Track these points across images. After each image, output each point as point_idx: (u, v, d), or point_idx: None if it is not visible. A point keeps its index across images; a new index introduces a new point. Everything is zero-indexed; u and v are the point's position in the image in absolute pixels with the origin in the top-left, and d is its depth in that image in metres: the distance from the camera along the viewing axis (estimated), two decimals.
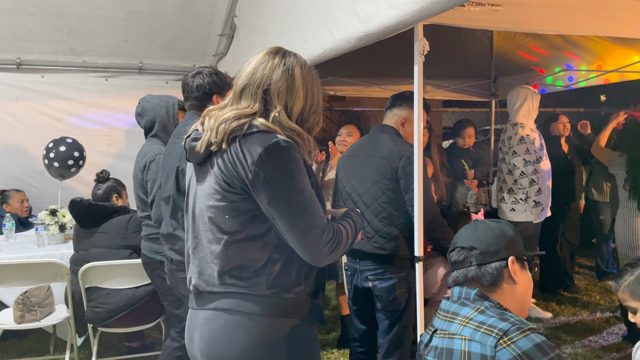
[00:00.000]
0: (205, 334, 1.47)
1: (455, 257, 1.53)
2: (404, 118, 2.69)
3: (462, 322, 1.39)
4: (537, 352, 1.25)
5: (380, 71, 5.21)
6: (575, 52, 4.47)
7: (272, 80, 1.48)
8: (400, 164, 2.49)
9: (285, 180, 1.39)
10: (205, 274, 1.48)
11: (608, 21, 2.50)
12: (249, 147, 1.39)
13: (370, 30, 2.32)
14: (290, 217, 1.39)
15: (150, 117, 2.86)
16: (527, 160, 4.06)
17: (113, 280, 3.09)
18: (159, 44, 4.56)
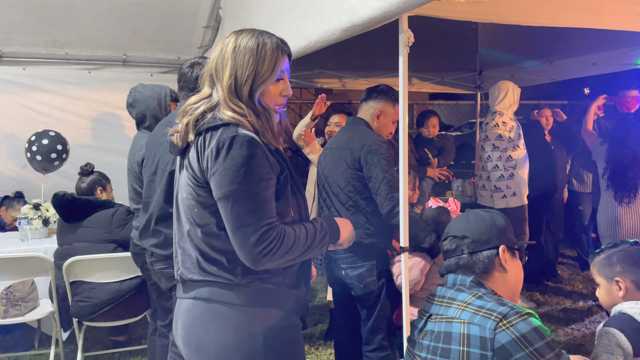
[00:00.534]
0: (186, 322, 1.50)
1: (447, 246, 1.56)
2: (379, 110, 2.72)
3: (461, 307, 1.41)
4: (535, 335, 1.28)
5: (367, 64, 5.21)
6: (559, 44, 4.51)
7: (212, 60, 1.51)
8: (361, 152, 2.52)
9: (230, 174, 1.37)
10: (187, 262, 1.51)
11: (591, 14, 2.53)
12: (212, 140, 1.41)
13: (355, 21, 2.32)
14: (226, 211, 1.39)
15: (142, 109, 2.81)
16: (495, 145, 4.12)
17: (98, 274, 3.06)
18: (143, 36, 4.51)
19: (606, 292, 1.74)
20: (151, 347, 2.88)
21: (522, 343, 1.27)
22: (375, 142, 2.53)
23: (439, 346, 1.41)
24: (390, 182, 2.47)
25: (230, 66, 1.48)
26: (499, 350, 1.28)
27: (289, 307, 1.52)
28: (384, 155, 2.50)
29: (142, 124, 2.84)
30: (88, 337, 3.50)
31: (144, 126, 2.84)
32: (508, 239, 1.55)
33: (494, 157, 4.13)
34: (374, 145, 2.51)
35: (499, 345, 1.28)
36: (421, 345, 1.48)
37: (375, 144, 2.52)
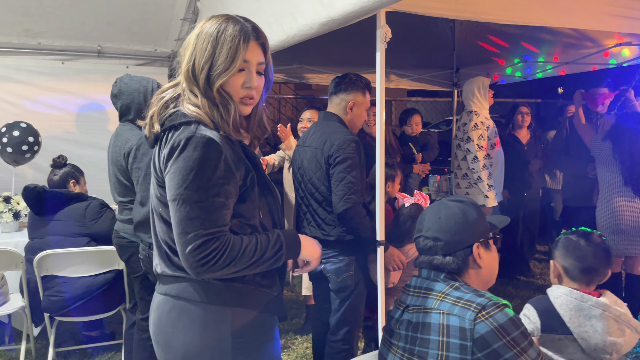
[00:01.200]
0: (155, 318, 1.48)
1: (421, 245, 1.56)
2: (352, 102, 2.68)
3: (439, 297, 1.43)
4: (511, 325, 1.34)
5: (346, 59, 5.22)
6: (533, 44, 4.60)
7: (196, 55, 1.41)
8: (330, 152, 2.51)
9: (179, 177, 1.31)
10: (159, 257, 1.49)
11: (564, 13, 2.58)
12: (172, 139, 1.35)
13: (333, 16, 2.33)
14: (172, 215, 1.34)
15: (127, 101, 2.75)
16: (480, 145, 4.21)
17: (71, 268, 3.01)
18: (119, 27, 4.43)
19: (551, 270, 1.95)
20: (128, 341, 2.86)
21: (500, 333, 1.32)
22: (344, 142, 2.50)
23: (417, 336, 1.42)
24: (349, 184, 2.45)
25: (190, 52, 1.41)
26: (478, 340, 1.32)
27: (261, 306, 1.47)
28: (350, 155, 2.48)
29: (126, 116, 2.78)
30: (60, 332, 3.44)
31: (127, 118, 2.78)
32: (481, 233, 1.53)
33: (481, 157, 4.20)
34: (343, 145, 2.49)
35: (478, 335, 1.32)
36: (399, 334, 1.49)
37: (344, 142, 2.49)
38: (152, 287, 2.55)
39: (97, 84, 4.60)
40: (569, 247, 1.88)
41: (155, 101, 1.44)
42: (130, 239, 2.69)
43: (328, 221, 2.57)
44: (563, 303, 1.80)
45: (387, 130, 3.89)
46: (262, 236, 1.43)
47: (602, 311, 1.75)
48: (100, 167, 4.35)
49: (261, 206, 1.49)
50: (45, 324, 3.15)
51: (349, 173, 2.46)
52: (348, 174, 2.46)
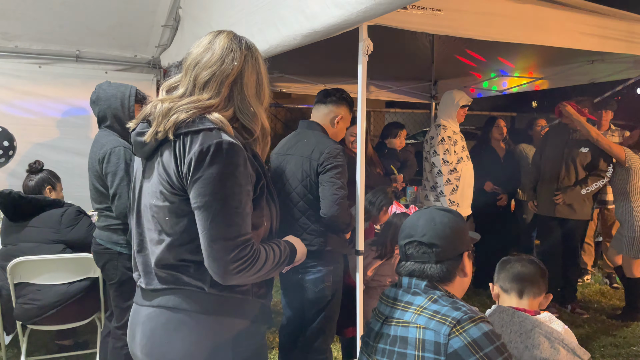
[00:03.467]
0: (147, 331, 1.44)
1: (412, 250, 1.54)
2: (341, 116, 2.73)
3: (417, 311, 1.43)
4: (485, 340, 1.33)
5: (326, 70, 5.28)
6: (509, 59, 4.72)
7: (244, 74, 1.48)
8: (319, 161, 2.53)
9: (212, 182, 1.31)
10: (148, 271, 1.45)
11: (539, 31, 2.67)
12: (192, 145, 1.34)
13: (316, 28, 2.36)
14: (205, 220, 1.32)
15: (104, 107, 2.73)
16: (445, 160, 4.20)
17: (45, 275, 2.96)
18: (98, 32, 4.39)
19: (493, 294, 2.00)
20: (103, 349, 2.82)
21: (473, 348, 1.31)
22: (333, 150, 2.54)
23: (395, 350, 1.43)
24: (340, 189, 2.49)
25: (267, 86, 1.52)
26: (451, 355, 1.32)
27: (256, 316, 1.49)
28: (340, 163, 2.52)
29: (104, 122, 2.77)
30: (32, 340, 3.37)
31: (105, 125, 2.77)
32: (468, 243, 1.58)
33: (445, 172, 4.19)
34: (332, 152, 2.53)
35: (451, 350, 1.32)
36: (378, 349, 1.49)
37: (333, 150, 2.54)
38: (128, 294, 2.55)
39: (75, 89, 4.53)
40: (502, 265, 1.97)
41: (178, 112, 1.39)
42: (106, 245, 2.67)
43: (310, 231, 2.58)
44: (495, 320, 1.83)
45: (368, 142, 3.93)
46: (275, 246, 1.49)
47: (532, 327, 1.75)
48: (77, 172, 4.30)
49: (266, 215, 1.51)
50: (17, 332, 3.08)
51: (339, 179, 2.50)
52: (339, 179, 2.50)
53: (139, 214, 1.49)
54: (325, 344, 2.66)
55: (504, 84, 5.52)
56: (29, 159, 3.47)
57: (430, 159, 4.29)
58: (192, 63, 1.46)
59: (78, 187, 4.13)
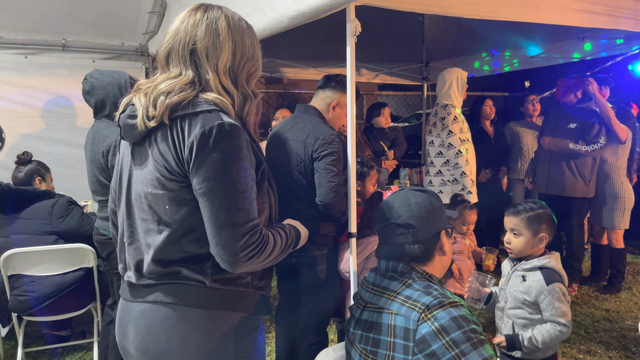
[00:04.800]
0: (142, 328, 1.38)
1: (389, 233, 1.53)
2: (337, 102, 2.70)
3: (391, 297, 1.42)
4: (452, 324, 1.29)
5: (317, 54, 5.23)
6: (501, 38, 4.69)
7: (197, 38, 1.36)
8: (313, 147, 2.51)
9: (218, 166, 1.25)
10: (142, 266, 1.38)
11: (528, 7, 2.64)
12: (191, 128, 1.27)
13: (303, 9, 2.33)
14: (212, 207, 1.26)
15: (102, 96, 2.68)
16: (462, 139, 4.10)
17: (39, 266, 2.95)
18: (84, 20, 4.32)
19: (527, 242, 2.18)
20: (105, 337, 2.84)
21: (440, 333, 1.28)
22: (329, 136, 2.52)
23: (370, 336, 1.42)
24: (337, 176, 2.47)
25: (230, 49, 1.37)
26: (419, 341, 1.30)
27: (257, 308, 1.46)
28: (335, 149, 2.50)
29: (102, 112, 2.71)
30: (29, 332, 3.37)
31: (103, 114, 2.71)
32: (445, 221, 1.58)
33: (464, 150, 4.09)
34: (327, 138, 2.51)
35: (419, 336, 1.30)
36: (357, 335, 1.49)
37: (329, 137, 2.51)
38: None
39: (63, 79, 4.48)
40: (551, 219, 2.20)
41: (164, 95, 1.32)
42: (109, 236, 2.66)
43: (305, 215, 2.57)
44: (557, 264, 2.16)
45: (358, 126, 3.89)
46: (279, 229, 1.45)
47: None
48: (67, 163, 4.29)
49: (266, 200, 1.47)
50: (13, 324, 3.08)
51: (335, 166, 2.48)
52: (334, 166, 2.48)
53: (130, 203, 1.42)
54: (321, 327, 2.68)
55: (496, 64, 5.49)
56: (17, 151, 3.44)
57: (445, 141, 4.15)
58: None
59: (69, 178, 4.12)
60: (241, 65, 1.41)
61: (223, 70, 1.37)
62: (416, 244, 1.48)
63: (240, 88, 1.40)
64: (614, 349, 3.45)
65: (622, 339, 3.59)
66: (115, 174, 1.52)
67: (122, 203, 1.46)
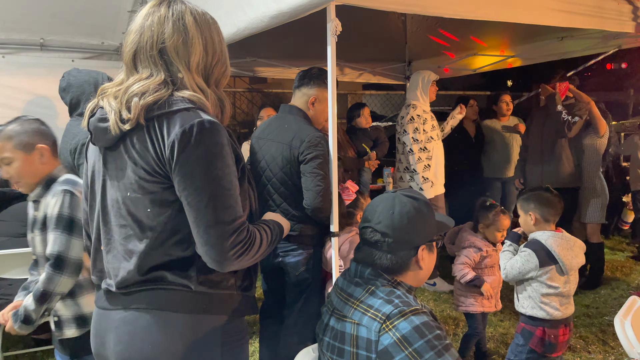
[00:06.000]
0: (123, 336, 1.33)
1: (367, 236, 1.48)
2: (314, 97, 2.67)
3: (354, 305, 1.38)
4: (414, 334, 1.25)
5: (300, 53, 5.22)
6: (482, 37, 4.73)
7: (165, 37, 1.30)
8: (300, 149, 2.50)
9: (201, 164, 1.22)
10: (120, 274, 1.33)
11: (507, 7, 2.67)
12: (170, 128, 1.24)
13: (283, 9, 2.33)
14: (197, 206, 1.23)
15: (77, 94, 2.66)
16: (415, 138, 4.24)
17: (16, 269, 2.90)
18: (63, 19, 4.26)
19: (524, 221, 2.58)
20: None
21: (402, 344, 1.25)
22: (314, 138, 2.50)
23: (336, 345, 1.39)
24: (324, 180, 2.47)
25: (202, 46, 1.33)
26: (381, 352, 1.26)
27: (241, 310, 1.43)
28: (320, 152, 2.50)
29: (76, 110, 2.69)
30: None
31: (77, 113, 2.70)
32: (429, 235, 1.49)
33: (416, 150, 4.25)
34: (313, 141, 2.49)
35: (382, 347, 1.27)
36: (324, 341, 1.47)
37: (314, 139, 2.50)
38: None
39: (41, 79, 4.40)
40: (543, 199, 2.52)
41: (137, 97, 1.27)
42: None
43: (291, 217, 2.57)
44: (553, 242, 2.43)
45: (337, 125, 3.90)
46: (263, 225, 1.43)
47: (574, 243, 2.49)
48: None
49: (247, 197, 1.44)
50: None
51: (321, 169, 2.47)
52: (321, 170, 2.47)
53: (105, 210, 1.37)
54: (305, 326, 2.67)
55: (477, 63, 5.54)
56: None
57: (401, 138, 4.34)
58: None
59: None
60: (213, 64, 1.38)
61: (196, 68, 1.34)
62: (388, 254, 1.42)
63: (211, 88, 1.38)
64: (592, 344, 3.51)
65: (601, 334, 3.64)
66: (85, 182, 1.46)
67: (95, 211, 1.41)
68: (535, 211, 2.52)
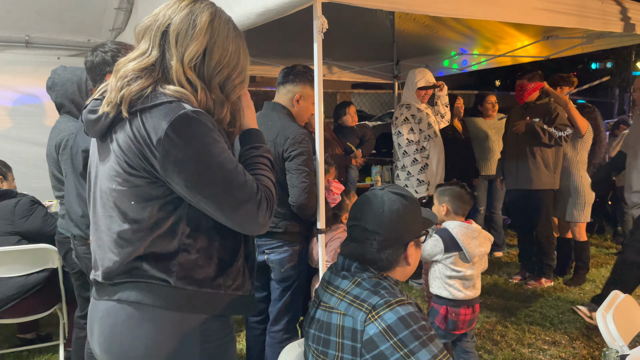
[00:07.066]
0: (105, 327, 1.33)
1: (355, 234, 1.49)
2: (299, 94, 2.65)
3: (340, 296, 1.39)
4: (400, 324, 1.27)
5: (288, 51, 5.22)
6: (469, 36, 4.76)
7: (172, 22, 1.32)
8: (284, 146, 2.50)
9: (201, 157, 1.22)
10: (105, 264, 1.34)
11: (492, 6, 2.69)
12: (154, 122, 1.21)
13: (269, 6, 2.33)
14: (215, 197, 1.24)
15: (61, 92, 2.65)
16: (410, 139, 4.20)
17: (1, 268, 2.87)
18: (48, 17, 4.22)
19: (437, 210, 2.81)
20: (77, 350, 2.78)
21: (388, 334, 1.26)
22: (298, 135, 2.49)
23: (322, 336, 1.40)
24: (309, 176, 2.47)
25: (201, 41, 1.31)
26: (367, 342, 1.28)
27: (230, 310, 1.39)
28: (305, 149, 2.49)
29: (62, 108, 2.69)
30: None
31: (64, 111, 2.70)
32: (417, 231, 1.52)
33: (411, 151, 4.21)
34: (297, 138, 2.48)
35: (367, 337, 1.28)
36: (309, 334, 1.47)
37: (298, 136, 2.49)
38: (90, 284, 2.51)
39: (27, 76, 4.38)
40: (456, 194, 2.78)
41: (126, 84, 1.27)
42: (65, 234, 2.61)
43: (276, 214, 2.57)
44: (459, 232, 2.67)
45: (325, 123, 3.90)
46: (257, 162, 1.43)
47: (478, 233, 2.71)
48: (32, 162, 4.18)
49: None
50: None
51: (306, 166, 2.47)
52: (306, 166, 2.47)
53: (95, 200, 1.38)
54: (291, 323, 2.68)
55: (464, 62, 5.58)
56: None
57: (396, 139, 4.29)
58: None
59: (34, 178, 4.02)
60: (216, 69, 1.35)
61: (188, 62, 1.32)
62: (378, 252, 1.44)
63: (213, 89, 1.35)
64: (577, 340, 3.55)
65: (586, 330, 3.69)
66: (88, 172, 1.46)
67: (90, 201, 1.42)
68: (448, 203, 2.78)
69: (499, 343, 3.51)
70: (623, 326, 1.99)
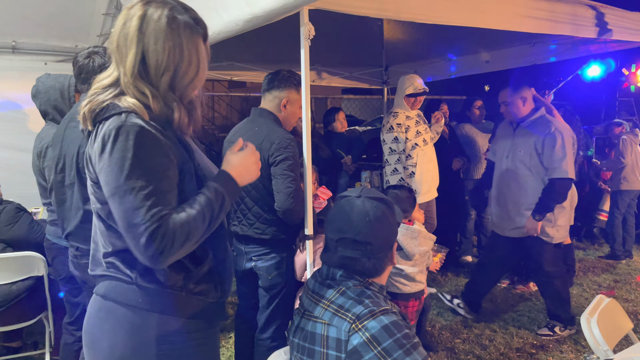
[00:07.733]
0: (86, 317, 1.44)
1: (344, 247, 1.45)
2: (286, 99, 2.66)
3: (324, 306, 1.39)
4: (383, 333, 1.27)
5: (276, 56, 5.23)
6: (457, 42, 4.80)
7: (115, 37, 1.33)
8: (269, 151, 2.50)
9: (116, 169, 1.24)
10: (96, 255, 1.45)
11: (478, 13, 2.73)
12: (100, 133, 1.29)
13: (257, 12, 2.33)
14: (115, 209, 1.27)
15: (44, 100, 2.65)
16: (392, 149, 4.11)
17: None
18: (35, 22, 4.19)
19: None
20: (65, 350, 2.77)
21: (372, 343, 1.26)
22: (284, 140, 2.50)
23: (306, 346, 1.40)
24: (294, 182, 2.47)
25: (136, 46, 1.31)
26: (351, 352, 1.28)
27: (192, 313, 1.40)
28: (291, 154, 2.49)
29: (47, 116, 2.70)
30: None
31: (49, 118, 2.70)
32: (397, 230, 1.54)
33: (392, 161, 4.12)
34: (283, 143, 2.49)
35: (351, 347, 1.28)
36: (294, 343, 1.47)
37: (284, 141, 2.50)
38: (78, 290, 2.50)
39: (13, 82, 4.34)
40: (396, 197, 2.90)
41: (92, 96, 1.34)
42: (53, 240, 2.61)
43: (263, 220, 2.57)
44: (399, 232, 2.56)
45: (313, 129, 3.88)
46: (201, 197, 1.34)
47: (418, 234, 2.92)
48: (18, 169, 4.13)
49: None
50: None
51: (292, 171, 2.48)
52: (292, 171, 2.47)
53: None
54: (279, 330, 2.67)
55: (452, 68, 5.62)
56: None
57: (384, 151, 4.21)
58: None
59: (20, 185, 3.96)
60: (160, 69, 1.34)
61: (131, 73, 1.32)
62: (370, 259, 1.43)
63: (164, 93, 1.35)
64: (564, 344, 3.57)
65: (574, 334, 3.71)
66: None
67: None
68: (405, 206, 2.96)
69: (488, 347, 3.52)
70: (608, 331, 2.01)
